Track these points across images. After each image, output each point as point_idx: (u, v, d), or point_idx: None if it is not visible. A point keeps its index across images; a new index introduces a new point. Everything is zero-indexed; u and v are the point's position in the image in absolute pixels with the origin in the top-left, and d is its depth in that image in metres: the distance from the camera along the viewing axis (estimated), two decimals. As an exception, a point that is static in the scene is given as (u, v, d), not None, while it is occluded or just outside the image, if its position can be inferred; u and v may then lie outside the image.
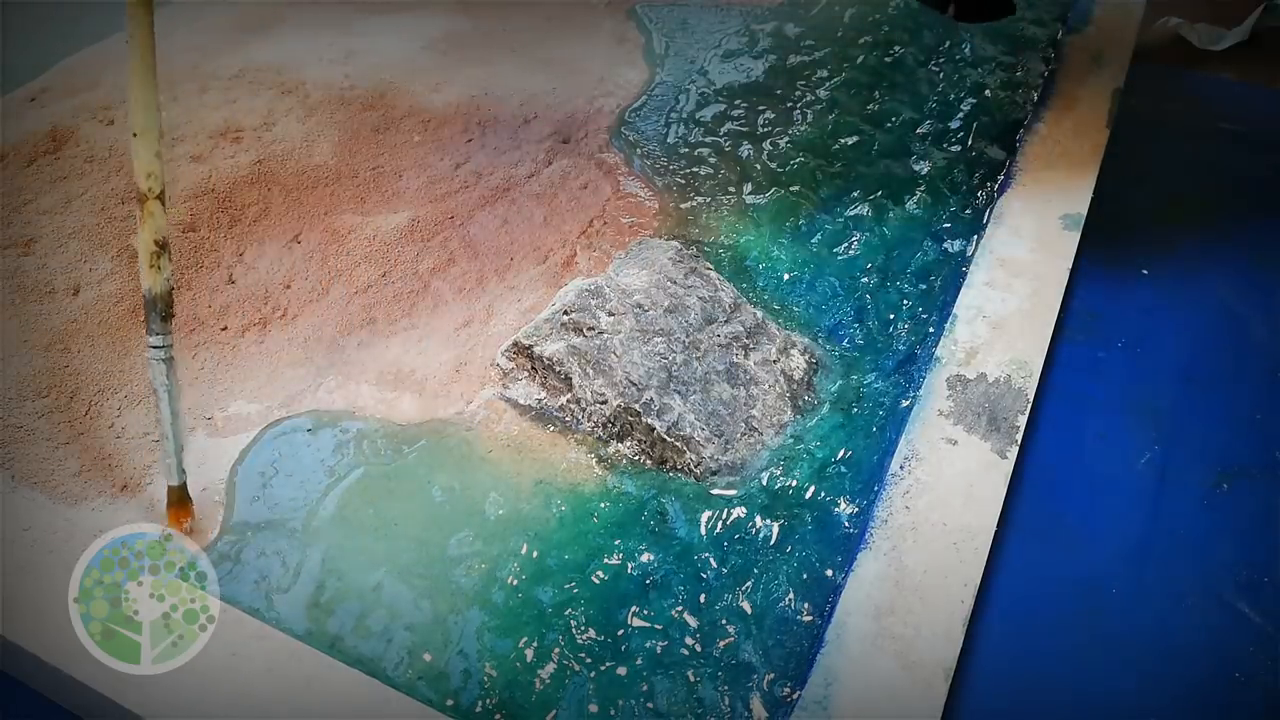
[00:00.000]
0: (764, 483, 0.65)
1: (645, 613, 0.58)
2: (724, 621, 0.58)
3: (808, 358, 0.74)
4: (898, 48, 1.09)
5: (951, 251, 0.84)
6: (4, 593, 0.56)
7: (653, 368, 0.69)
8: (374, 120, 0.96)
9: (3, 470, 0.64)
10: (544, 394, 0.70)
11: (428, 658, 0.56)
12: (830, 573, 0.60)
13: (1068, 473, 0.70)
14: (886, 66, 1.06)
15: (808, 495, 0.65)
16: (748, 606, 0.59)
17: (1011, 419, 0.68)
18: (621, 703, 0.54)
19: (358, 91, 0.99)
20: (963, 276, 0.80)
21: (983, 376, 0.71)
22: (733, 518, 0.63)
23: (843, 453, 0.68)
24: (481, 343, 0.75)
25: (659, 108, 1.00)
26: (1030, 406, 0.69)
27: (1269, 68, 1.16)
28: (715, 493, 0.65)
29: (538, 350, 0.70)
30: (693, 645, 0.57)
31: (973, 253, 0.83)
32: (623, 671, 0.56)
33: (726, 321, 0.74)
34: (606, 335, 0.71)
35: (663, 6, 1.17)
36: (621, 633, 0.57)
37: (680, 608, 0.59)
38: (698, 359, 0.71)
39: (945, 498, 0.64)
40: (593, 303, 0.73)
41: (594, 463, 0.67)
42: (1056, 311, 0.77)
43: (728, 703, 0.55)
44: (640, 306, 0.73)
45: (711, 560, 0.61)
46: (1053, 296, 0.78)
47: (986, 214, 0.87)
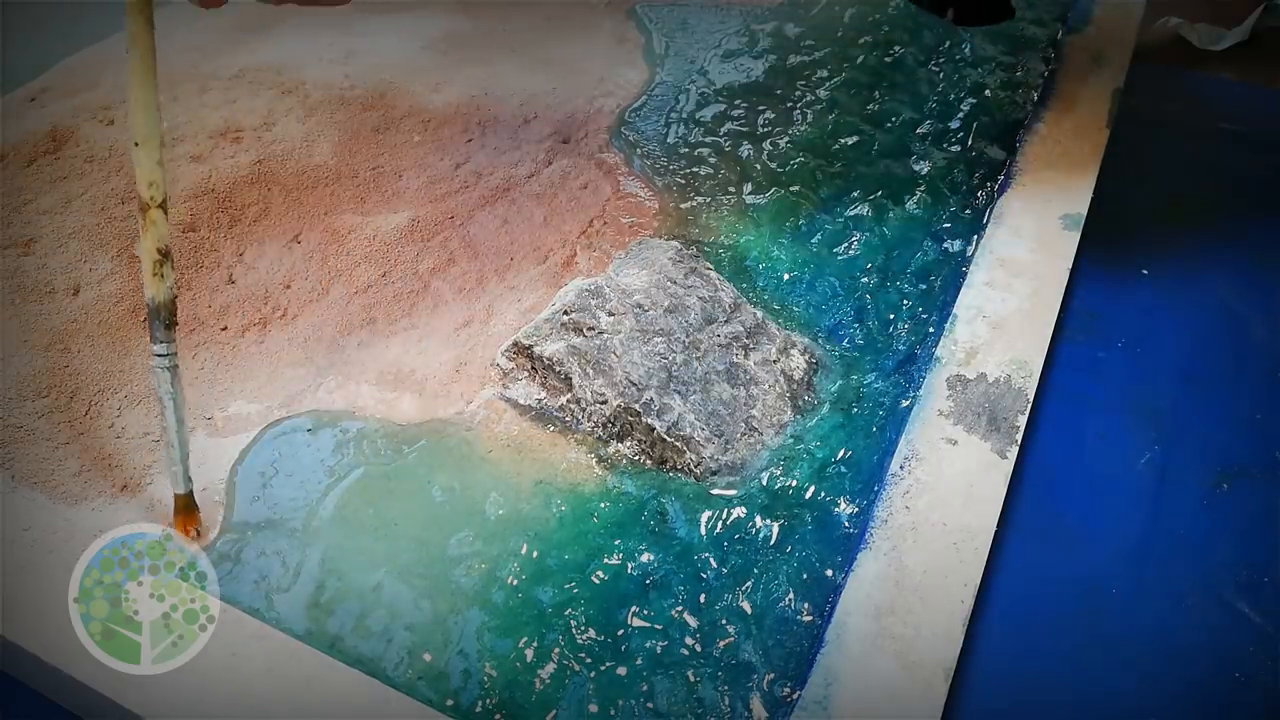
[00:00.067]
0: (764, 483, 0.65)
1: (645, 613, 0.58)
2: (724, 621, 0.58)
3: (808, 358, 0.74)
4: (898, 48, 1.09)
5: (951, 251, 0.84)
6: (4, 593, 0.56)
7: (653, 368, 0.69)
8: (374, 120, 0.96)
9: (3, 470, 0.64)
10: (544, 394, 0.70)
11: (428, 658, 0.56)
12: (830, 573, 0.60)
13: (1068, 473, 0.70)
14: (886, 66, 1.06)
15: (808, 495, 0.65)
16: (748, 606, 0.59)
17: (1011, 419, 0.68)
18: (621, 703, 0.54)
19: (358, 91, 0.99)
20: (963, 276, 0.80)
21: (983, 376, 0.71)
22: (733, 518, 0.63)
23: (843, 453, 0.68)
24: (481, 343, 0.75)
25: (659, 108, 1.00)
26: (1030, 406, 0.69)
27: (1269, 68, 1.16)
28: (715, 493, 0.65)
29: (538, 350, 0.70)
30: (693, 645, 0.57)
31: (973, 253, 0.83)
32: (623, 671, 0.56)
33: (726, 321, 0.74)
34: (606, 335, 0.71)
35: (663, 6, 1.17)
36: (621, 633, 0.57)
37: (680, 608, 0.59)
38: (698, 359, 0.71)
39: (945, 498, 0.64)
40: (593, 303, 0.73)
41: (594, 463, 0.67)
42: (1056, 311, 0.77)
43: (728, 703, 0.55)
44: (640, 306, 0.73)
45: (711, 560, 0.61)
46: (1053, 296, 0.78)
47: (986, 214, 0.87)
